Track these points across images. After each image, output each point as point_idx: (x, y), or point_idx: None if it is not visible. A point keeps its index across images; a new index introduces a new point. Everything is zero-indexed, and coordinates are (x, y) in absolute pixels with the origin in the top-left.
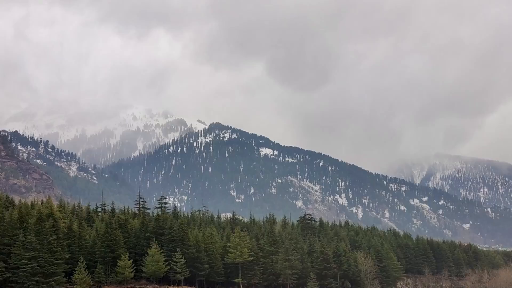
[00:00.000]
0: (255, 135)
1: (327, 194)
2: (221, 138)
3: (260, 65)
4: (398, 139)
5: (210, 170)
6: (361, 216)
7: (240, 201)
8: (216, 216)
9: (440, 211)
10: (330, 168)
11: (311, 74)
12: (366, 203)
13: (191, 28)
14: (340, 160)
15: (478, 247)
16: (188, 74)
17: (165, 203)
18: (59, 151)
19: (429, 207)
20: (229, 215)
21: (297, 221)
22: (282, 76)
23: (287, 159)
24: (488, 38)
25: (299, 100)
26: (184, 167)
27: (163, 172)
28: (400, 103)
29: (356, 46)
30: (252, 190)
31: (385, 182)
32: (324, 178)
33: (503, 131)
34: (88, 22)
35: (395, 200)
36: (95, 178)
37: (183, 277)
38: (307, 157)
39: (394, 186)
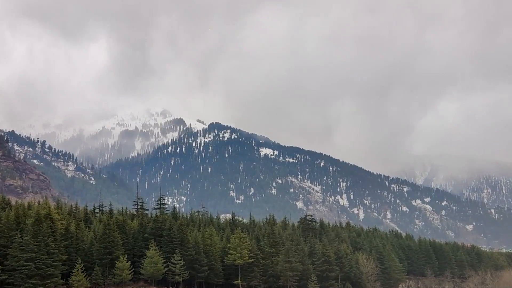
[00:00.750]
0: (255, 135)
1: (328, 195)
2: (221, 138)
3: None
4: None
5: (209, 170)
6: (362, 217)
7: (240, 202)
8: (215, 217)
9: (443, 212)
10: (331, 168)
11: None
12: (367, 204)
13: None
14: (341, 161)
15: (481, 248)
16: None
17: (164, 204)
18: (56, 151)
19: (431, 208)
20: (229, 216)
21: (298, 222)
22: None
23: (287, 159)
24: None
25: None
26: (183, 167)
27: (161, 173)
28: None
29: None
30: (252, 190)
31: (387, 182)
32: (325, 178)
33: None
34: None
35: (397, 201)
36: (92, 179)
37: (181, 278)
38: (307, 157)
39: (396, 186)
